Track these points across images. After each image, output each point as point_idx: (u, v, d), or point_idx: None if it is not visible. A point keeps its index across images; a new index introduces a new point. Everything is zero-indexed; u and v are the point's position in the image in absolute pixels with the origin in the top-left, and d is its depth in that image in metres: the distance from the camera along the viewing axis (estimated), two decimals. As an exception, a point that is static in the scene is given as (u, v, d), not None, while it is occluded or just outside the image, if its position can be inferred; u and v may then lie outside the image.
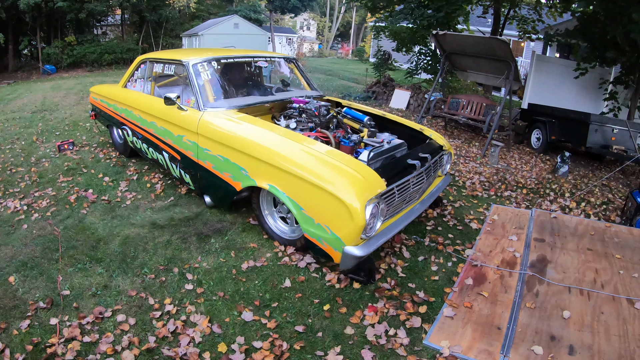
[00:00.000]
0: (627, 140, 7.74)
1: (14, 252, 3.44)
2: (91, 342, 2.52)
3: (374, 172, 3.04)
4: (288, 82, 5.12)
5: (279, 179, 3.26)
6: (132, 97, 5.00)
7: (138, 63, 5.08)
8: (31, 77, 17.49)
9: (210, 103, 3.98)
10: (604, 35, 8.37)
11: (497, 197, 5.33)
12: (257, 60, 4.96)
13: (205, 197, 4.18)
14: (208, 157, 3.84)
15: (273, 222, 3.75)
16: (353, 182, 2.90)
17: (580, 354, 2.52)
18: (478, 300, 3.02)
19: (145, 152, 4.94)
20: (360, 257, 2.89)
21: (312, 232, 3.12)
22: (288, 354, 2.49)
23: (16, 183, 4.84)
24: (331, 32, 50.06)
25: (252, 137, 3.49)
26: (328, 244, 3.02)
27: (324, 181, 2.94)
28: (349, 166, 3.03)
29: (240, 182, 3.60)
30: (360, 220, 2.79)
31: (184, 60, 4.20)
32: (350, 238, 2.88)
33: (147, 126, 4.64)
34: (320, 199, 2.99)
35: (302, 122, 4.12)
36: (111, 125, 5.82)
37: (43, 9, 17.25)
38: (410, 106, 12.05)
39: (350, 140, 3.79)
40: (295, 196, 3.16)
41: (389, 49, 15.18)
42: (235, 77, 4.97)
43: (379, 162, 3.61)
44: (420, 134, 4.26)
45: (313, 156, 3.16)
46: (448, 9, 10.28)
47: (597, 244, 3.84)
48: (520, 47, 20.50)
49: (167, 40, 22.87)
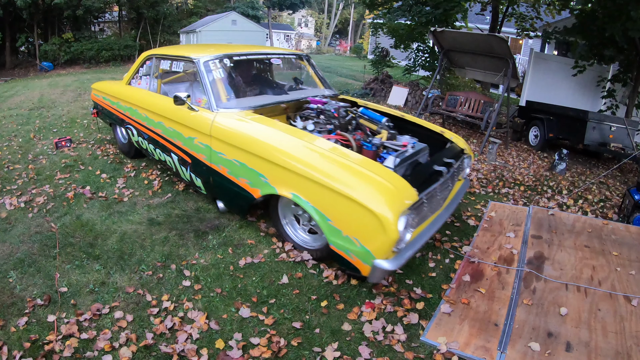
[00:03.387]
0: (624, 138, 7.76)
1: (12, 249, 3.43)
2: (89, 338, 2.52)
3: (404, 181, 2.87)
4: (301, 80, 4.87)
5: (303, 187, 3.05)
6: (137, 95, 4.78)
7: (143, 59, 4.88)
8: (28, 74, 17.45)
9: (223, 103, 3.74)
10: (602, 33, 8.38)
11: (495, 194, 5.34)
12: (270, 57, 4.70)
13: (219, 203, 3.98)
14: (222, 161, 3.63)
15: (292, 231, 3.57)
16: (385, 192, 2.74)
17: (577, 350, 2.53)
18: (475, 297, 3.03)
19: (151, 153, 4.73)
20: (391, 271, 2.75)
21: (339, 245, 2.94)
22: (285, 350, 2.49)
23: (13, 180, 4.82)
24: (329, 29, 50.01)
25: (273, 141, 3.27)
26: (357, 257, 2.85)
27: (354, 191, 2.75)
28: (380, 175, 2.86)
29: (259, 189, 3.39)
30: (393, 234, 2.62)
31: (194, 57, 3.96)
32: (382, 252, 2.72)
33: (154, 126, 4.42)
34: (349, 210, 2.80)
35: (320, 124, 3.87)
36: (114, 123, 5.61)
37: (40, 6, 17.22)
38: (408, 103, 12.05)
39: (372, 144, 3.53)
40: (321, 206, 2.97)
41: (387, 45, 15.18)
42: (247, 75, 4.71)
43: (403, 169, 3.44)
44: (441, 136, 4.07)
45: (341, 163, 2.96)
46: (446, 6, 10.27)
47: (594, 241, 3.85)
48: (519, 45, 20.52)
49: (164, 37, 22.82)
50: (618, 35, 7.85)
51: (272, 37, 33.40)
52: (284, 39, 39.62)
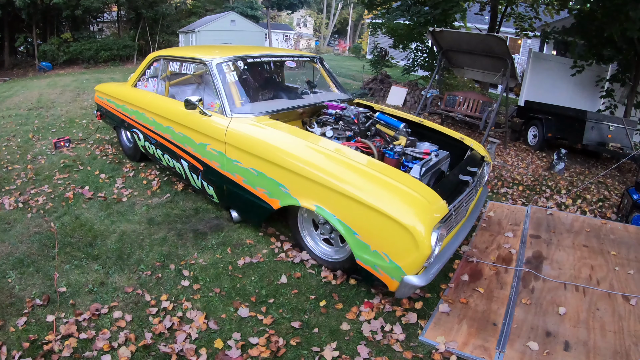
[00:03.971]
0: (623, 138, 7.77)
1: (11, 249, 3.43)
2: (88, 338, 2.52)
3: (434, 193, 2.73)
4: (315, 84, 4.70)
5: (328, 199, 2.89)
6: (144, 99, 4.60)
7: (150, 61, 4.70)
8: (27, 74, 17.44)
9: (238, 108, 3.57)
10: (601, 33, 8.38)
11: (494, 193, 5.35)
12: (284, 59, 4.52)
13: (232, 212, 3.84)
14: (238, 169, 3.47)
15: (313, 243, 3.43)
16: (415, 205, 2.60)
17: (575, 349, 2.54)
18: (474, 297, 3.04)
19: (159, 159, 4.57)
20: (420, 287, 2.63)
21: (366, 260, 2.78)
22: (284, 350, 2.50)
23: (12, 180, 4.82)
24: (328, 29, 50.01)
25: (294, 149, 3.10)
26: (385, 272, 2.71)
27: (384, 203, 2.61)
28: (409, 186, 2.72)
29: (278, 199, 3.23)
30: (425, 249, 2.49)
31: (207, 59, 3.78)
32: (413, 267, 2.59)
33: (162, 131, 4.25)
34: (378, 224, 2.65)
35: (339, 130, 3.70)
36: (118, 127, 5.45)
37: (39, 6, 17.20)
38: (407, 103, 12.06)
39: (394, 152, 3.39)
40: (347, 219, 2.81)
41: (385, 45, 15.20)
42: (261, 78, 4.56)
43: (427, 178, 3.30)
44: (461, 143, 3.91)
45: (368, 174, 2.81)
46: (445, 6, 10.28)
47: (592, 241, 3.85)
48: (517, 45, 20.53)
49: (163, 37, 22.80)
50: (617, 35, 7.86)
51: (271, 37, 33.40)
52: (283, 39, 39.60)
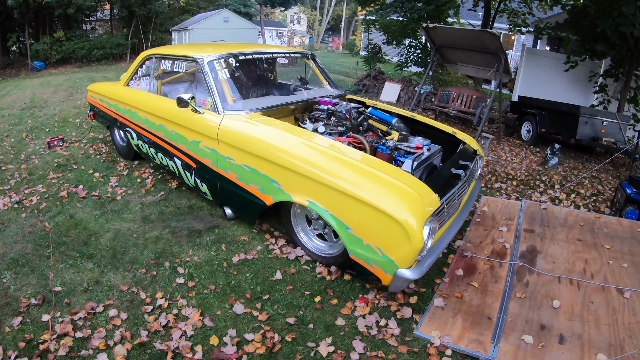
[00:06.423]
0: (616, 133, 7.82)
1: (5, 249, 3.41)
2: (83, 337, 2.52)
3: (426, 187, 2.75)
4: (307, 80, 4.70)
5: (320, 194, 2.90)
6: (136, 97, 4.59)
7: (142, 59, 4.68)
8: (20, 73, 17.29)
9: (230, 105, 3.58)
10: (594, 28, 8.42)
11: (487, 188, 5.37)
12: (276, 55, 4.49)
13: (226, 209, 3.88)
14: (231, 166, 3.49)
15: (307, 239, 3.45)
16: (408, 199, 2.61)
17: (570, 342, 2.56)
18: (468, 291, 3.05)
19: (152, 157, 4.57)
20: (413, 280, 2.66)
21: (359, 254, 2.81)
22: (280, 346, 2.51)
23: (6, 180, 4.80)
24: (322, 25, 49.89)
25: (287, 145, 3.12)
26: (378, 266, 2.73)
27: (376, 198, 2.63)
28: (401, 180, 2.73)
29: (271, 195, 3.25)
30: (418, 242, 2.51)
31: (198, 57, 3.79)
32: (406, 261, 2.61)
33: (155, 129, 4.26)
34: (370, 218, 2.67)
35: (331, 126, 3.73)
36: (112, 126, 5.42)
37: (31, 5, 17.03)
38: (401, 99, 12.07)
39: (387, 147, 3.41)
40: (340, 214, 2.83)
41: (379, 42, 15.19)
42: (253, 75, 4.56)
43: (420, 172, 3.33)
44: (453, 137, 3.95)
45: (360, 169, 2.82)
46: (438, 2, 10.31)
47: (586, 235, 3.88)
48: (511, 40, 20.57)
49: (156, 34, 22.64)
50: (610, 30, 7.89)
51: (265, 35, 33.30)
52: (277, 36, 39.42)
